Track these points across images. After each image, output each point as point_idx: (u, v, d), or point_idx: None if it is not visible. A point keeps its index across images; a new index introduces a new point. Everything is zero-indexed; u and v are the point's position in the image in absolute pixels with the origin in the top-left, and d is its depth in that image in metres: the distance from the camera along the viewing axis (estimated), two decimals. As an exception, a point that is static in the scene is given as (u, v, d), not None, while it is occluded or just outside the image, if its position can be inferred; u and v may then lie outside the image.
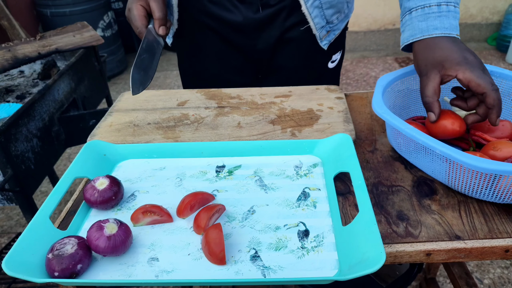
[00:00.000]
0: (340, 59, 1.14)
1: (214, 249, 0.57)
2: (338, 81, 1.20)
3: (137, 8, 0.85)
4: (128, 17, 0.88)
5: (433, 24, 0.76)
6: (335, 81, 1.18)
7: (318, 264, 0.58)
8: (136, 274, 0.57)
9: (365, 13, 3.82)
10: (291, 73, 1.09)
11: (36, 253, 0.57)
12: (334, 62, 1.12)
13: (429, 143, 0.65)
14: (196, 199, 0.67)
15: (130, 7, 0.86)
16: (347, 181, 0.75)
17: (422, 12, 0.78)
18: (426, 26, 0.77)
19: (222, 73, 1.11)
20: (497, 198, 0.65)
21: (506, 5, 3.72)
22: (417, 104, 0.90)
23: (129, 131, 0.88)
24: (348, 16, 1.07)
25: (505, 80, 0.82)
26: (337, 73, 1.17)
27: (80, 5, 3.25)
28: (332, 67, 1.12)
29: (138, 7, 0.85)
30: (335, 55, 1.11)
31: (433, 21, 0.76)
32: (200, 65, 1.13)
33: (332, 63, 1.11)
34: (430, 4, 0.77)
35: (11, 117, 1.28)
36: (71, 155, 2.61)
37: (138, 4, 0.86)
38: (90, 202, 0.68)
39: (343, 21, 1.05)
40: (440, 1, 0.76)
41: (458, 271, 1.30)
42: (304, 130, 0.85)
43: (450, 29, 0.76)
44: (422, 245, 0.61)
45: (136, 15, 0.85)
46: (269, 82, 1.10)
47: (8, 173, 1.26)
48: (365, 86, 3.29)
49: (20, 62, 1.52)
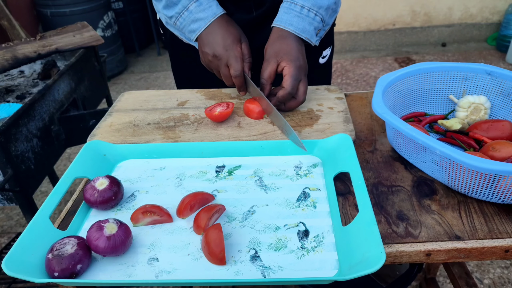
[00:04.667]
0: (330, 54, 1.18)
1: (214, 249, 0.57)
2: (330, 76, 1.24)
3: (238, 51, 0.86)
4: (219, 55, 0.87)
5: (290, 20, 0.86)
6: (327, 75, 1.22)
7: (318, 264, 0.58)
8: (136, 274, 0.57)
9: (365, 13, 3.82)
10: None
11: (36, 253, 0.57)
12: (324, 57, 1.15)
13: (429, 143, 0.65)
14: (196, 199, 0.67)
15: (229, 48, 0.86)
16: (347, 181, 0.75)
17: (289, 6, 0.87)
18: (286, 19, 0.87)
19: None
20: (497, 198, 0.65)
21: (506, 5, 3.72)
22: (417, 104, 0.90)
23: (129, 131, 0.88)
24: (336, 12, 1.09)
25: (505, 80, 0.82)
26: (329, 67, 1.21)
27: (80, 5, 3.25)
28: (323, 63, 1.15)
29: (239, 49, 0.87)
30: (325, 51, 1.14)
31: (292, 17, 0.86)
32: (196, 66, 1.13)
33: (323, 59, 1.15)
34: (297, 3, 0.86)
35: (11, 117, 1.28)
36: (71, 155, 2.61)
37: (238, 47, 0.87)
38: (90, 202, 0.68)
39: (332, 17, 1.07)
40: (304, 4, 0.86)
41: (458, 271, 1.30)
42: (304, 130, 0.85)
43: (301, 31, 0.87)
44: (422, 245, 0.61)
45: (237, 57, 0.86)
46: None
47: (8, 173, 1.26)
48: (365, 86, 3.29)
49: (20, 62, 1.52)
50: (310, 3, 0.86)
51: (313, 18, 0.87)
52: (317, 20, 0.88)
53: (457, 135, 0.80)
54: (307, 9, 0.86)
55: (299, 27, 0.87)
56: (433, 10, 3.79)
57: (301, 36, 0.87)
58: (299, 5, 0.86)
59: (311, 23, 0.87)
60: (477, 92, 0.86)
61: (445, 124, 0.83)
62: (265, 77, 0.85)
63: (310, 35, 0.88)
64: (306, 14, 0.87)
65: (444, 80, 0.88)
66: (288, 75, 0.83)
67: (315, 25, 0.88)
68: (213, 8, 0.89)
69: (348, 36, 3.93)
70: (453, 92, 0.89)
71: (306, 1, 0.86)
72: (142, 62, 4.05)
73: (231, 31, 0.88)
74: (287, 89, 0.83)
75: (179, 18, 0.90)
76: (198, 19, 0.88)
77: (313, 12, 0.87)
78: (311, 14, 0.87)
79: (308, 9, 0.86)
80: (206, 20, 0.88)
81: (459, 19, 3.84)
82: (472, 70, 0.86)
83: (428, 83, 0.88)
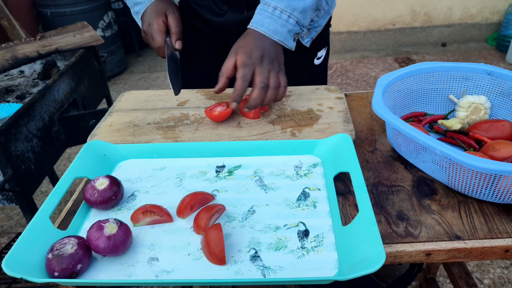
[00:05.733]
0: (325, 55, 1.17)
1: (214, 249, 0.57)
2: (326, 77, 1.24)
3: (158, 23, 0.91)
4: (147, 31, 0.93)
5: (262, 21, 0.86)
6: (323, 76, 1.22)
7: (318, 264, 0.58)
8: (136, 274, 0.57)
9: (365, 13, 3.82)
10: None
11: (36, 253, 0.57)
12: (319, 58, 1.15)
13: (429, 143, 0.65)
14: (196, 199, 0.67)
15: (151, 22, 0.92)
16: (347, 181, 0.75)
17: (262, 7, 0.87)
18: (258, 20, 0.86)
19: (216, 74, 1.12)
20: (497, 198, 0.65)
21: (506, 5, 3.72)
22: (417, 104, 0.90)
23: (129, 131, 0.88)
24: (329, 13, 1.09)
25: (505, 80, 0.82)
26: (324, 69, 1.21)
27: (80, 5, 3.24)
28: (318, 64, 1.15)
29: (160, 22, 0.91)
30: (320, 52, 1.14)
31: (264, 18, 0.86)
32: (191, 67, 1.13)
33: (318, 60, 1.15)
34: (269, 4, 0.86)
35: (11, 117, 1.28)
36: (71, 155, 2.61)
37: (159, 20, 0.91)
38: (90, 202, 0.68)
39: (324, 18, 1.07)
40: (277, 6, 0.85)
41: (458, 271, 1.30)
42: (304, 130, 0.85)
43: (273, 32, 0.85)
44: (422, 245, 0.61)
45: (157, 30, 0.91)
46: None
47: (8, 173, 1.26)
48: (365, 86, 3.29)
49: (20, 62, 1.52)
50: (283, 5, 0.85)
51: (286, 20, 0.85)
52: (291, 22, 0.86)
53: (457, 135, 0.80)
54: (279, 11, 0.85)
55: (270, 28, 0.85)
56: (433, 10, 3.79)
57: (273, 38, 0.85)
58: (272, 6, 0.85)
59: (283, 25, 0.86)
60: (477, 92, 0.87)
61: (445, 124, 0.83)
62: (222, 70, 0.85)
63: (283, 37, 0.86)
64: (279, 15, 0.85)
65: (444, 80, 0.88)
66: (238, 65, 0.82)
67: (289, 27, 0.86)
68: None
69: (348, 36, 3.92)
70: (453, 92, 0.89)
71: (279, 2, 0.85)
72: (142, 62, 4.05)
73: (157, 7, 0.93)
74: (238, 77, 0.82)
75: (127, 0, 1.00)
76: (138, 2, 0.97)
77: (286, 14, 0.85)
78: (284, 16, 0.85)
79: (281, 10, 0.85)
80: (143, 3, 0.95)
81: (459, 19, 3.84)
82: (472, 70, 0.86)
83: (428, 83, 0.88)
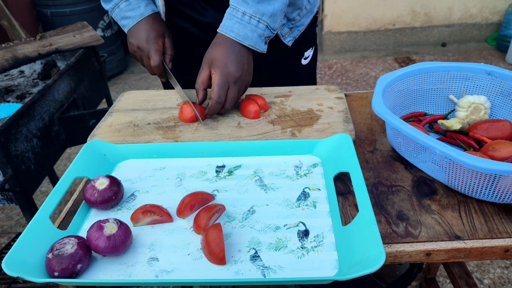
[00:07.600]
0: (313, 55, 1.17)
1: (214, 249, 0.57)
2: (315, 76, 1.24)
3: (159, 44, 0.96)
4: (143, 48, 0.97)
5: (231, 26, 0.86)
6: (312, 76, 1.22)
7: (318, 264, 0.58)
8: (136, 274, 0.57)
9: (365, 13, 3.82)
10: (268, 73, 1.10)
11: (36, 253, 0.57)
12: (307, 58, 1.15)
13: (429, 143, 0.65)
14: (196, 199, 0.67)
15: (150, 41, 0.96)
16: (347, 181, 0.75)
17: (231, 12, 0.87)
18: (227, 25, 0.87)
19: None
20: (497, 198, 0.65)
21: (506, 5, 3.72)
22: (417, 104, 0.90)
23: (129, 131, 0.88)
24: (312, 12, 1.08)
25: (505, 80, 0.82)
26: (313, 69, 1.21)
27: (80, 5, 3.24)
28: (306, 64, 1.15)
29: (160, 43, 0.97)
30: (307, 52, 1.14)
31: (234, 24, 0.86)
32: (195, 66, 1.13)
33: (305, 60, 1.14)
34: (239, 9, 0.86)
35: (11, 117, 1.28)
36: (71, 155, 2.61)
37: (159, 40, 0.97)
38: (90, 202, 0.68)
39: (306, 17, 1.06)
40: (245, 11, 0.85)
41: (458, 271, 1.30)
42: (304, 130, 0.85)
43: (243, 38, 0.86)
44: (422, 245, 0.61)
45: (157, 49, 0.95)
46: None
47: (8, 173, 1.26)
48: (365, 86, 3.29)
49: (20, 62, 1.52)
50: (251, 10, 0.84)
51: (256, 26, 0.85)
52: (260, 27, 0.86)
53: (457, 135, 0.80)
54: (248, 16, 0.84)
55: (240, 34, 0.85)
56: (433, 10, 3.79)
57: (243, 43, 0.86)
58: (241, 11, 0.85)
59: (253, 30, 0.86)
60: (477, 92, 0.87)
61: (445, 124, 0.83)
62: (198, 83, 0.88)
63: (254, 42, 0.87)
64: (248, 21, 0.85)
65: (444, 80, 0.88)
66: (214, 84, 0.85)
67: (259, 32, 0.86)
68: (141, 9, 0.98)
69: (348, 36, 3.92)
70: (453, 92, 0.89)
71: (248, 7, 0.84)
72: (142, 62, 4.04)
73: (155, 27, 0.97)
74: (213, 98, 0.85)
75: (112, 13, 1.01)
76: (127, 17, 0.99)
77: (255, 20, 0.85)
78: (253, 21, 0.85)
79: (250, 16, 0.84)
80: (133, 19, 0.98)
81: (459, 19, 3.84)
82: (472, 70, 0.86)
83: (428, 83, 0.88)
